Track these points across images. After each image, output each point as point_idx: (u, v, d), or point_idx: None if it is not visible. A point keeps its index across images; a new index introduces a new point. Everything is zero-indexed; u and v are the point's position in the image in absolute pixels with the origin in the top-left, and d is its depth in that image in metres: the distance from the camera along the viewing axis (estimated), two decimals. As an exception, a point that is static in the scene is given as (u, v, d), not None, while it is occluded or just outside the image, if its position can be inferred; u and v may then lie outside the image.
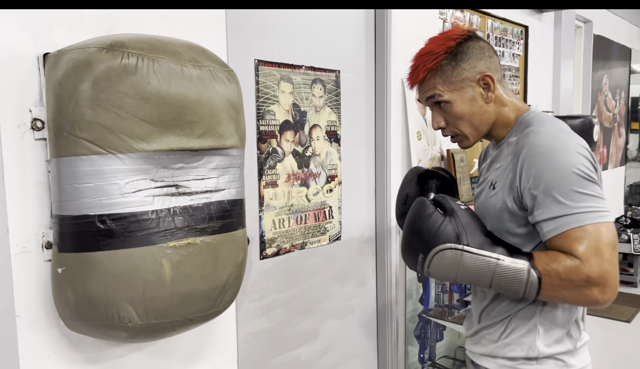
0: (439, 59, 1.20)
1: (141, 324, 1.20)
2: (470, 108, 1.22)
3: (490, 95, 1.22)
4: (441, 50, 1.20)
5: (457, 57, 1.20)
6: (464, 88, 1.21)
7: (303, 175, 2.13)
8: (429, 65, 1.21)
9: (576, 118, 3.64)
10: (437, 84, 1.22)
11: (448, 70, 1.20)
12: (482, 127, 1.24)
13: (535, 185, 1.10)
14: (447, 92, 1.21)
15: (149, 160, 1.18)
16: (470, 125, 1.24)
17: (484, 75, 1.20)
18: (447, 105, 1.22)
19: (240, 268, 1.39)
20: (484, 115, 1.23)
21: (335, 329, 2.37)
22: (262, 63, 1.95)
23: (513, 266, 1.08)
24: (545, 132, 1.13)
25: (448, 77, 1.21)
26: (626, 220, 4.99)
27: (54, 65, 1.18)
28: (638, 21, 5.82)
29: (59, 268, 1.19)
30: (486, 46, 1.24)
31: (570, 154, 1.09)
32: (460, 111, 1.22)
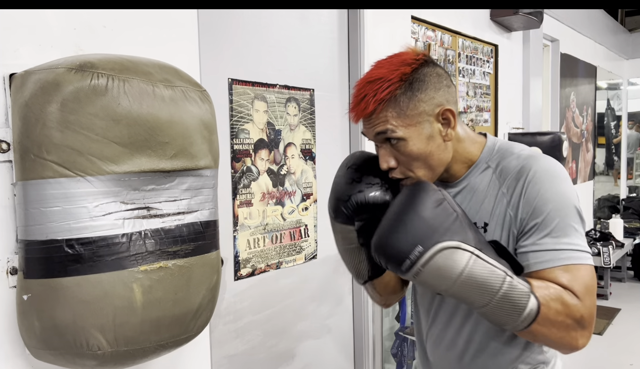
0: (392, 87, 0.99)
1: (111, 351, 1.16)
2: (427, 146, 1.03)
3: (450, 132, 1.04)
4: (395, 77, 1.00)
5: (413, 86, 1.00)
6: (421, 124, 1.02)
7: (278, 194, 2.12)
8: (380, 95, 0.99)
9: (546, 135, 3.72)
10: (389, 118, 1.01)
11: (403, 101, 1.00)
12: (439, 168, 1.07)
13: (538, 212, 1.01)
14: (401, 128, 1.01)
15: (119, 182, 1.16)
16: (425, 166, 1.04)
17: (444, 109, 1.03)
18: (401, 142, 1.02)
19: (213, 291, 1.36)
20: (442, 154, 1.05)
21: (312, 349, 2.34)
22: (235, 82, 1.94)
23: (519, 288, 0.93)
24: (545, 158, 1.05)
25: (403, 110, 1.00)
26: (595, 234, 5.10)
27: (20, 86, 1.15)
28: (602, 40, 6.02)
29: (25, 295, 1.15)
30: (443, 74, 1.06)
31: (570, 186, 1.03)
32: (416, 150, 1.02)
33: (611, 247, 4.78)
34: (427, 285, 0.96)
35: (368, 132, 1.06)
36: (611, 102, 6.77)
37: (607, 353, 3.76)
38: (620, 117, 7.03)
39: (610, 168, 6.82)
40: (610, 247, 4.77)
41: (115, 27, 1.44)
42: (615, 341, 3.95)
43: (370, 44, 2.46)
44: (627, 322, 4.34)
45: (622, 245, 5.11)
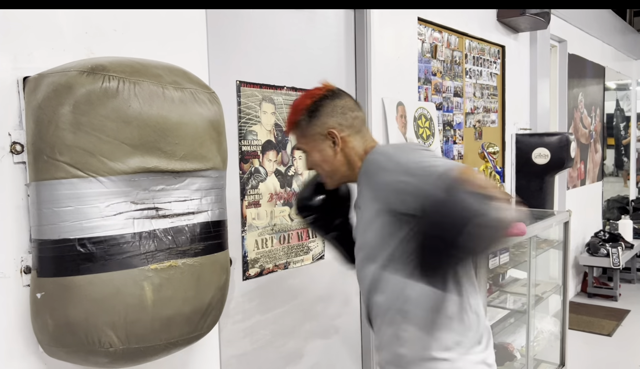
0: (297, 116, 1.36)
1: (122, 349, 1.18)
2: (320, 157, 1.36)
3: (337, 148, 1.34)
4: (300, 107, 1.36)
5: (312, 114, 1.34)
6: (316, 141, 1.35)
7: (286, 195, 2.14)
8: (290, 118, 1.38)
9: (553, 135, 3.72)
10: (297, 136, 1.39)
11: (303, 125, 1.35)
12: (336, 173, 1.38)
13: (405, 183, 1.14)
14: (303, 144, 1.38)
15: (129, 182, 1.18)
16: (323, 170, 1.39)
17: (330, 131, 1.33)
18: (307, 154, 1.39)
19: (223, 290, 1.38)
20: (335, 162, 1.36)
21: (320, 349, 2.35)
22: (243, 84, 1.96)
23: None
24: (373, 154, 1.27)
25: (303, 132, 1.36)
26: (605, 235, 5.07)
27: (34, 89, 1.18)
28: (611, 40, 5.99)
29: (38, 293, 1.17)
30: (341, 103, 1.36)
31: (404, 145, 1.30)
32: (315, 159, 1.37)
33: (620, 248, 4.76)
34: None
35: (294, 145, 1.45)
36: (620, 103, 6.73)
37: (616, 354, 3.74)
38: (629, 118, 6.98)
39: (619, 169, 6.77)
40: (620, 248, 4.75)
41: (125, 31, 1.47)
42: (625, 343, 3.93)
43: (377, 46, 2.48)
44: (636, 323, 4.31)
45: (632, 246, 5.08)
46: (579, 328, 4.14)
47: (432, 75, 2.99)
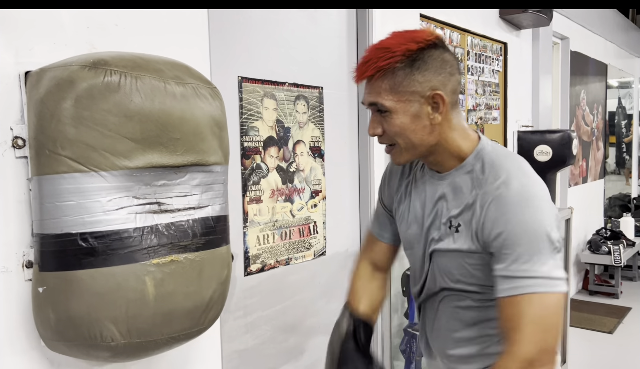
0: (393, 59, 1.03)
1: (124, 343, 1.18)
2: (411, 124, 1.07)
3: (437, 116, 1.07)
4: (399, 50, 1.03)
5: (414, 64, 1.04)
6: (411, 102, 1.06)
7: (287, 191, 2.14)
8: (381, 63, 1.04)
9: (555, 133, 3.71)
10: (382, 90, 1.06)
11: (400, 75, 1.04)
12: (421, 147, 1.10)
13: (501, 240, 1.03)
14: (391, 101, 1.05)
15: (131, 177, 1.18)
16: (407, 142, 1.09)
17: (435, 93, 1.05)
18: (388, 114, 1.07)
19: (224, 285, 1.38)
20: (426, 136, 1.09)
21: (321, 346, 2.35)
22: (245, 80, 1.96)
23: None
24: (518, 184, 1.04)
25: (397, 85, 1.05)
26: (606, 232, 5.07)
27: (35, 83, 1.18)
28: (613, 38, 5.98)
29: (40, 288, 1.18)
30: (450, 60, 1.09)
31: (539, 211, 1.02)
32: (400, 124, 1.07)
33: (622, 246, 4.76)
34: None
35: (365, 98, 1.11)
36: (622, 101, 6.71)
37: (618, 351, 3.74)
38: (631, 116, 6.97)
39: (621, 167, 6.77)
40: (621, 246, 4.74)
41: (127, 26, 1.47)
42: (626, 340, 3.93)
43: (379, 42, 2.47)
44: (637, 321, 4.31)
45: (633, 244, 5.08)
46: (580, 325, 4.14)
47: (434, 72, 2.98)
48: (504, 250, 1.02)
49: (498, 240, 1.03)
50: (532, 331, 1.00)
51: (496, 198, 1.04)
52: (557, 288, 1.01)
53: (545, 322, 1.01)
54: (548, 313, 1.01)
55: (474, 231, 1.08)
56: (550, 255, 1.02)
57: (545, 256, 1.01)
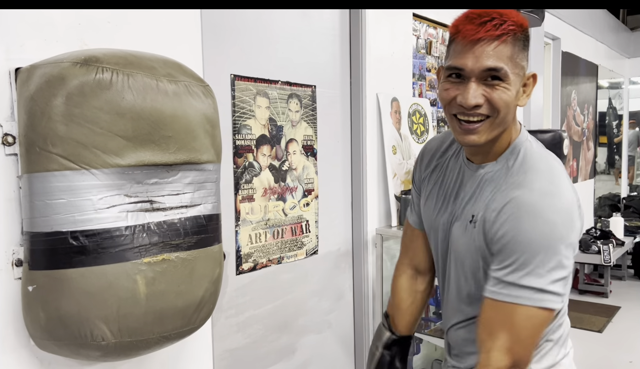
0: (518, 28, 0.99)
1: (115, 342, 1.17)
2: (514, 99, 1.01)
3: (525, 100, 1.05)
4: (520, 21, 1.00)
5: (526, 40, 1.02)
6: (519, 77, 1.01)
7: (280, 189, 2.14)
8: (510, 27, 0.96)
9: (546, 133, 3.73)
10: (505, 57, 0.97)
11: (519, 46, 1.00)
12: (501, 127, 1.04)
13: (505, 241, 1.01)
14: (511, 72, 0.98)
15: (123, 175, 1.17)
16: (504, 121, 1.03)
17: (532, 75, 1.04)
18: (502, 84, 0.99)
19: (216, 284, 1.38)
20: (510, 116, 1.04)
21: (313, 344, 2.36)
22: (238, 78, 1.95)
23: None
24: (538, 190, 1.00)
25: (515, 55, 0.99)
26: (596, 232, 5.10)
27: (26, 80, 1.17)
28: (604, 38, 6.02)
29: (30, 286, 1.16)
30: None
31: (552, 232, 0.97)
32: (509, 99, 1.00)
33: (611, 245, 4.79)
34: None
35: (479, 61, 0.98)
36: (613, 101, 6.76)
37: (607, 350, 3.77)
38: (621, 116, 7.02)
39: (611, 167, 6.82)
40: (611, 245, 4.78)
41: (119, 23, 1.46)
42: (615, 339, 3.96)
43: (372, 41, 2.47)
44: (626, 320, 4.35)
45: (623, 243, 5.11)
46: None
47: (426, 71, 2.99)
48: (504, 253, 1.00)
49: (501, 242, 1.01)
50: (508, 342, 0.99)
51: (512, 200, 1.00)
52: (546, 304, 0.98)
53: (523, 335, 0.99)
54: (528, 327, 0.99)
55: (484, 226, 1.06)
56: (553, 269, 0.97)
57: (545, 269, 0.97)
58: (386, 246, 2.56)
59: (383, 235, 2.51)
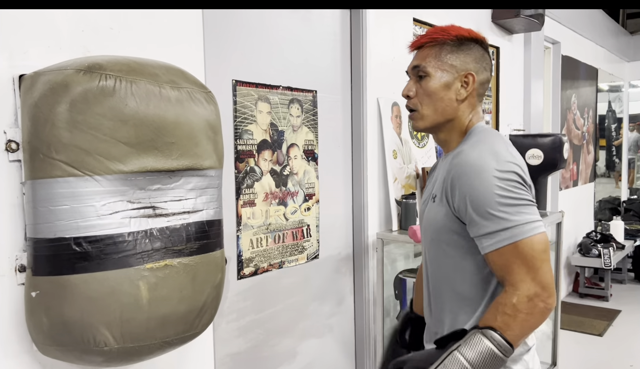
0: (446, 36, 1.24)
1: (117, 348, 1.18)
2: (440, 92, 1.24)
3: (463, 92, 1.24)
4: (454, 32, 1.24)
5: (461, 46, 1.24)
6: (447, 72, 1.23)
7: (281, 194, 2.14)
8: (436, 35, 1.24)
9: (546, 137, 3.73)
10: (428, 56, 1.25)
11: (446, 50, 1.24)
12: (440, 117, 1.26)
13: (465, 205, 1.14)
14: (432, 67, 1.24)
15: (126, 181, 1.18)
16: (432, 108, 1.25)
17: (469, 73, 1.24)
18: (426, 78, 1.25)
19: (218, 289, 1.38)
20: (448, 107, 1.25)
21: (314, 348, 2.36)
22: (239, 83, 1.96)
23: (471, 343, 1.10)
24: (474, 154, 1.16)
25: (441, 55, 1.24)
26: (596, 235, 5.11)
27: (30, 87, 1.18)
28: (604, 42, 6.03)
29: (33, 292, 1.17)
30: (488, 59, 1.28)
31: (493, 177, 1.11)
32: (432, 88, 1.24)
33: (612, 249, 4.79)
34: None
35: (411, 64, 1.30)
36: (612, 104, 6.77)
37: (607, 354, 3.77)
38: (621, 120, 7.03)
39: (611, 170, 6.82)
40: (611, 249, 4.78)
41: (122, 30, 1.47)
42: (616, 343, 3.96)
43: (372, 46, 2.48)
44: (627, 324, 4.35)
45: (623, 247, 5.12)
46: (570, 327, 4.17)
47: (427, 76, 3.00)
48: (474, 214, 1.12)
49: (465, 208, 1.14)
50: (526, 272, 1.10)
51: (454, 167, 1.16)
52: (537, 230, 1.11)
53: (535, 263, 1.10)
54: (536, 254, 1.10)
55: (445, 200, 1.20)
56: (517, 204, 1.11)
57: (512, 207, 1.10)
58: (387, 251, 2.56)
59: (384, 240, 2.51)
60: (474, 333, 1.11)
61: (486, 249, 1.13)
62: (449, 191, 1.18)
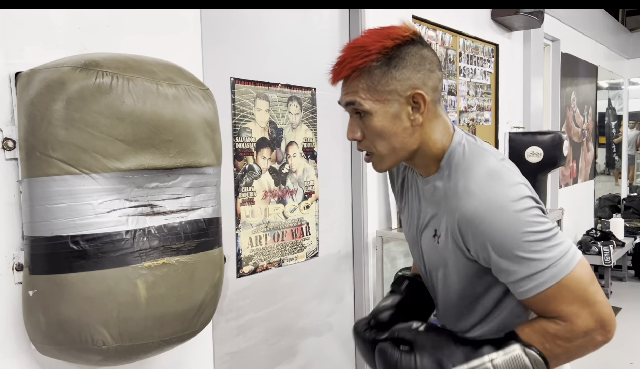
0: (369, 58, 0.98)
1: (115, 346, 1.17)
2: (392, 126, 1.01)
3: (418, 117, 1.01)
4: (375, 48, 0.98)
5: (390, 62, 0.98)
6: (390, 102, 1.00)
7: (280, 192, 2.14)
8: (356, 62, 0.98)
9: (546, 134, 3.73)
10: (359, 89, 1.00)
11: (376, 74, 0.99)
12: (402, 151, 1.04)
13: (487, 253, 0.97)
14: (369, 101, 1.00)
15: (123, 179, 1.17)
16: (388, 146, 1.03)
17: (415, 92, 0.99)
18: (367, 116, 1.01)
19: (216, 288, 1.38)
20: (407, 138, 1.02)
21: (313, 347, 2.35)
22: (238, 81, 1.95)
23: (509, 358, 0.97)
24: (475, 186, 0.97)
25: (374, 84, 0.99)
26: (596, 233, 5.10)
27: (26, 85, 1.17)
28: (603, 40, 6.02)
29: (30, 291, 1.16)
30: (429, 56, 1.02)
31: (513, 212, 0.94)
32: (379, 127, 1.01)
33: (612, 246, 4.79)
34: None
35: (341, 99, 1.06)
36: (612, 102, 6.77)
37: (608, 351, 3.76)
38: (621, 117, 7.03)
39: (611, 167, 6.82)
40: (611, 246, 4.78)
41: (119, 27, 1.46)
42: (616, 340, 3.93)
43: (372, 44, 2.47)
44: (627, 321, 4.34)
45: (623, 244, 5.11)
46: (570, 325, 4.17)
47: (426, 73, 2.99)
48: (501, 260, 0.96)
49: (488, 255, 0.98)
50: (580, 307, 0.96)
51: (462, 214, 0.98)
52: (577, 258, 0.97)
53: (588, 296, 0.96)
54: (585, 286, 0.96)
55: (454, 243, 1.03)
56: (547, 237, 0.95)
57: (543, 243, 0.95)
58: (386, 249, 2.56)
59: (383, 237, 2.51)
60: (515, 348, 0.98)
61: (524, 295, 0.98)
62: (459, 238, 1.01)
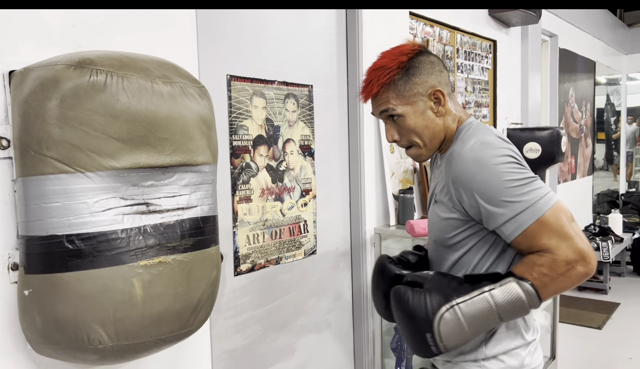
0: (391, 73, 1.22)
1: (112, 345, 1.17)
2: (422, 121, 1.24)
3: (441, 109, 1.25)
4: (394, 64, 1.22)
5: (409, 71, 1.22)
6: (416, 102, 1.23)
7: (277, 190, 2.13)
8: (382, 79, 1.22)
9: (544, 130, 3.72)
10: (390, 98, 1.23)
11: (400, 84, 1.22)
12: (434, 139, 1.27)
13: (476, 202, 1.13)
14: (399, 106, 1.23)
15: (118, 178, 1.17)
16: (422, 138, 1.26)
17: (435, 89, 1.23)
18: (400, 118, 1.24)
19: (213, 286, 1.37)
20: (436, 128, 1.25)
21: (312, 344, 2.35)
22: (234, 78, 1.94)
23: (505, 289, 1.10)
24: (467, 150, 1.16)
25: (400, 91, 1.22)
26: (595, 229, 5.10)
27: (20, 83, 1.16)
28: (601, 35, 6.01)
29: (26, 290, 1.16)
30: (436, 61, 1.26)
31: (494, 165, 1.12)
32: (412, 124, 1.24)
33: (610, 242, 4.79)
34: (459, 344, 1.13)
35: (375, 111, 1.29)
36: (611, 97, 6.76)
37: (606, 347, 3.78)
38: (619, 112, 7.02)
39: (609, 163, 6.82)
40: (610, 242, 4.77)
41: (113, 24, 1.45)
42: (614, 336, 3.96)
43: (368, 40, 2.47)
44: (626, 316, 4.35)
45: (622, 240, 5.11)
46: (569, 321, 4.17)
47: (423, 70, 2.98)
48: (488, 206, 1.12)
49: (477, 205, 1.13)
50: (560, 240, 1.09)
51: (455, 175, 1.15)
52: (553, 200, 1.11)
53: (566, 230, 1.09)
54: (562, 223, 1.09)
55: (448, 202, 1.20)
56: (526, 183, 1.11)
57: (522, 188, 1.10)
58: (385, 246, 2.55)
59: (381, 234, 2.51)
60: (510, 280, 1.11)
61: (511, 236, 1.12)
62: (454, 195, 1.18)
